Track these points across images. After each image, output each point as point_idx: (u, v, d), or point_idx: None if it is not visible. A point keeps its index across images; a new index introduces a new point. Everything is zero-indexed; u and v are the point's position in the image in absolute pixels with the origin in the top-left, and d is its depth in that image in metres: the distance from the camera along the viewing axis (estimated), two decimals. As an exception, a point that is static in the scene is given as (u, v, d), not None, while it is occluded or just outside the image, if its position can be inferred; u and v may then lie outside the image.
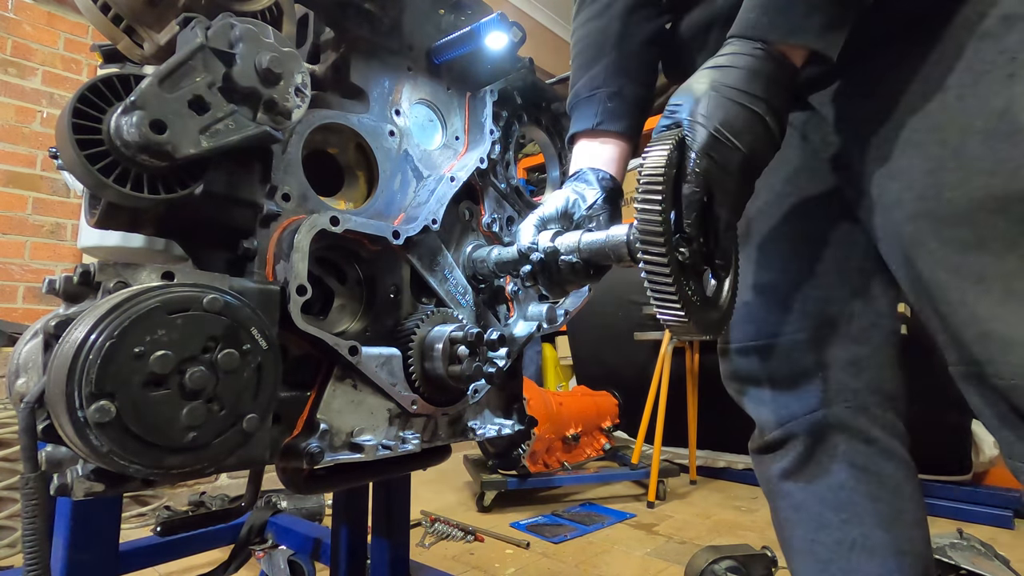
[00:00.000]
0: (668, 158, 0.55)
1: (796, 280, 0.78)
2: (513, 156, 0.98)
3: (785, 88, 0.59)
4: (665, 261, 0.54)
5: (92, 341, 0.44)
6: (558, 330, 1.49)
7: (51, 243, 2.38)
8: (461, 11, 0.90)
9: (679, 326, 0.57)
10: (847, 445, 0.74)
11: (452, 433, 0.81)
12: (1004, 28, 0.59)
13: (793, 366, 0.77)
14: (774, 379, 0.79)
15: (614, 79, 0.82)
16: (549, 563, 1.80)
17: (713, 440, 2.90)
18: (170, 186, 0.57)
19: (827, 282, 0.77)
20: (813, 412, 0.76)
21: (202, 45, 0.55)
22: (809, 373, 0.76)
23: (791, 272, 0.79)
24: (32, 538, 0.50)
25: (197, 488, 2.17)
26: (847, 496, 0.74)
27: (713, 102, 0.56)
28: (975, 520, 2.23)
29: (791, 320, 0.77)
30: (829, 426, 0.75)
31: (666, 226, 0.55)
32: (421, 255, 0.80)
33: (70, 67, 2.47)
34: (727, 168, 0.56)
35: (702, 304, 0.60)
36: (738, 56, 0.58)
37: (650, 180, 0.55)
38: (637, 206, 0.55)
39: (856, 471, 0.74)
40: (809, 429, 0.76)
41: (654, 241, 0.54)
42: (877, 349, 0.76)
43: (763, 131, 0.57)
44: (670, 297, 0.55)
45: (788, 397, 0.78)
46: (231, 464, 0.53)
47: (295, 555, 1.43)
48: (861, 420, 0.74)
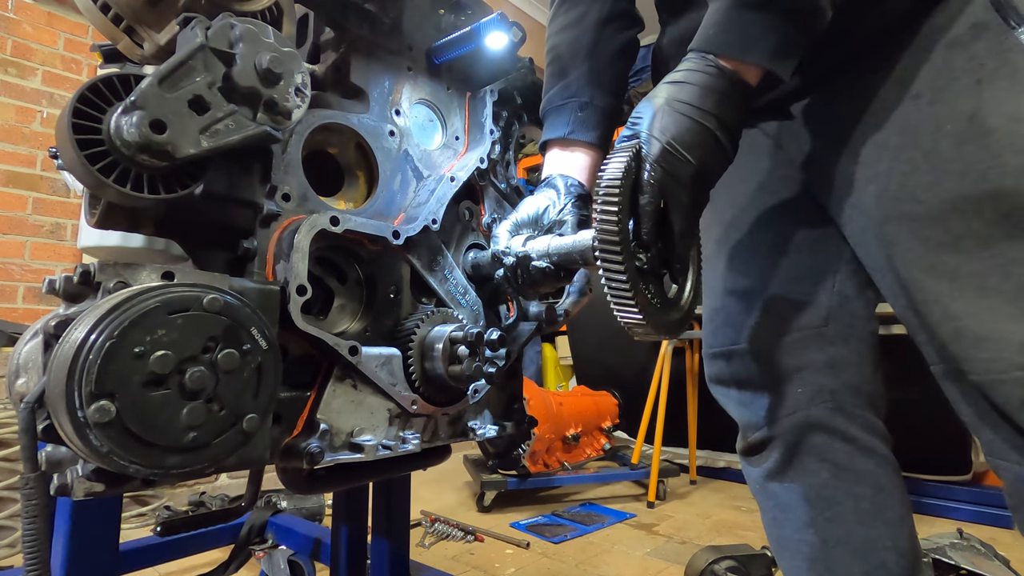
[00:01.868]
0: (625, 169, 0.58)
1: (772, 285, 0.80)
2: (513, 156, 0.98)
3: (737, 104, 0.60)
4: (622, 267, 0.57)
5: (92, 341, 0.44)
6: (558, 330, 1.49)
7: (51, 243, 2.38)
8: (461, 11, 0.90)
9: (636, 328, 0.60)
10: (827, 445, 0.76)
11: (452, 433, 0.81)
12: (972, 36, 0.62)
13: (771, 369, 0.79)
14: (753, 382, 0.81)
15: (585, 89, 0.84)
16: (549, 563, 1.80)
17: (713, 440, 2.90)
18: (170, 186, 0.57)
19: (802, 286, 0.79)
20: (793, 414, 0.77)
21: (202, 45, 0.55)
22: (787, 376, 0.78)
23: (767, 277, 0.81)
24: (32, 538, 0.50)
25: (197, 488, 2.17)
26: (830, 495, 0.75)
27: (667, 117, 0.59)
28: (975, 520, 2.23)
29: (768, 324, 0.79)
30: (809, 427, 0.77)
31: (623, 234, 0.57)
32: (421, 255, 0.80)
33: (70, 67, 2.47)
34: (679, 180, 0.59)
35: (662, 306, 0.63)
36: (693, 72, 0.60)
37: (608, 189, 0.58)
38: (596, 215, 0.58)
39: (838, 470, 0.75)
40: (789, 430, 0.78)
41: (611, 248, 0.57)
42: (853, 350, 0.77)
43: (714, 145, 0.59)
44: (627, 301, 0.58)
45: (767, 400, 0.79)
46: (231, 464, 0.53)
47: (295, 555, 1.43)
48: (840, 420, 0.76)
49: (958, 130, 0.61)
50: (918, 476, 2.44)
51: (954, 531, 1.75)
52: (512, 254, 0.76)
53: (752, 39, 0.59)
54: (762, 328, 0.80)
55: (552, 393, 2.67)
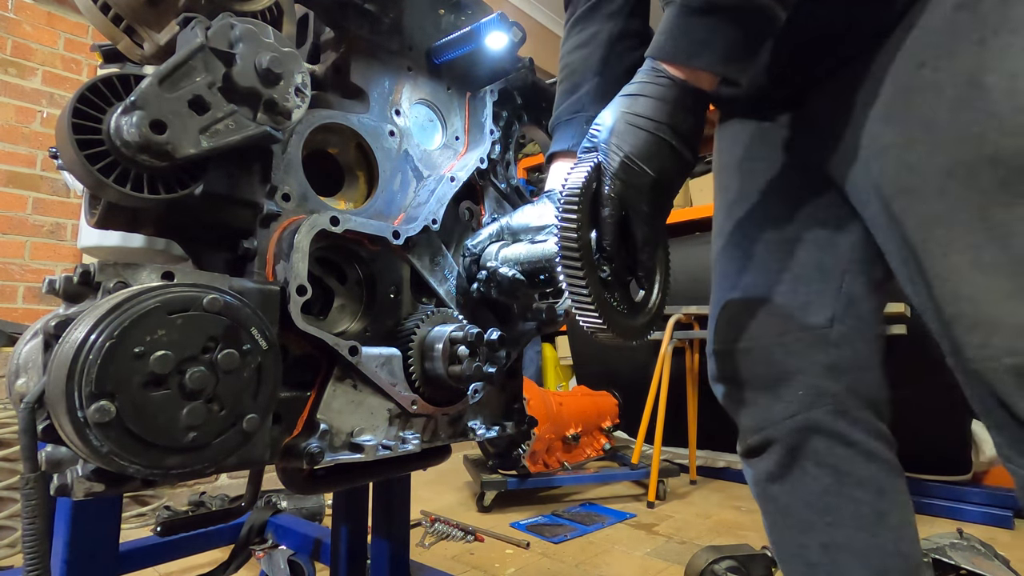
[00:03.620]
0: (586, 180, 0.60)
1: (778, 283, 0.78)
2: (513, 156, 0.98)
3: (691, 110, 0.60)
4: (582, 275, 0.59)
5: (92, 341, 0.44)
6: (558, 330, 1.49)
7: (51, 243, 2.38)
8: (461, 11, 0.90)
9: (599, 333, 0.61)
10: (828, 449, 0.74)
11: (452, 433, 0.81)
12: None
13: (771, 369, 0.77)
14: (753, 382, 0.79)
15: (593, 105, 0.85)
16: (549, 563, 1.80)
17: (713, 440, 2.90)
18: (170, 186, 0.57)
19: (808, 286, 0.77)
20: (793, 416, 0.75)
21: (202, 45, 0.55)
22: (788, 377, 0.76)
23: (773, 275, 0.79)
24: (32, 538, 0.50)
25: (197, 488, 2.17)
26: (831, 500, 0.74)
27: (623, 130, 0.60)
28: (975, 520, 2.23)
29: (770, 323, 0.78)
30: (809, 430, 0.75)
31: (583, 242, 0.59)
32: (421, 255, 0.80)
33: (70, 67, 2.48)
34: (639, 191, 0.60)
35: (629, 311, 0.65)
36: (645, 84, 0.61)
37: (568, 199, 0.59)
38: (556, 226, 0.60)
39: (838, 474, 0.74)
40: (789, 433, 0.76)
41: (571, 257, 0.59)
42: (858, 353, 0.75)
43: (669, 155, 0.59)
44: (589, 307, 0.59)
45: (767, 401, 0.78)
46: (231, 464, 0.53)
47: (295, 555, 1.43)
48: (841, 423, 0.74)
49: (957, 94, 0.57)
50: (918, 476, 2.44)
51: (954, 531, 1.75)
52: (485, 267, 0.78)
53: (698, 45, 0.59)
54: (764, 327, 0.78)
55: (552, 393, 2.67)
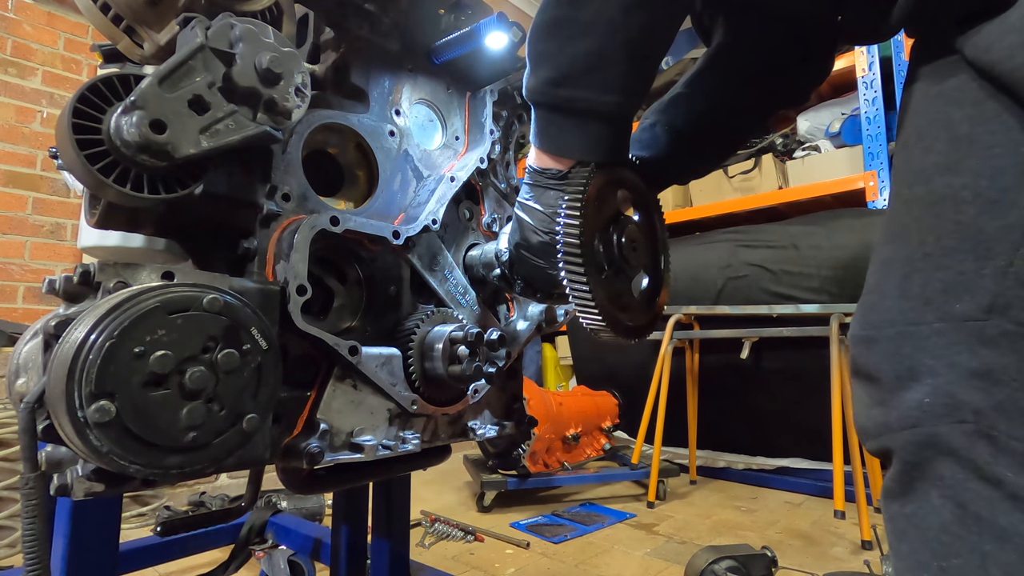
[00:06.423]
0: (586, 183, 0.63)
1: (926, 254, 0.59)
2: (513, 156, 0.98)
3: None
4: (583, 276, 0.62)
5: (92, 341, 0.44)
6: (558, 330, 1.49)
7: (51, 243, 2.38)
8: (461, 11, 0.90)
9: (601, 332, 0.65)
10: (956, 479, 0.55)
11: (452, 433, 0.81)
12: None
13: (897, 365, 0.59)
14: (873, 377, 0.62)
15: None
16: (549, 563, 1.80)
17: (713, 440, 2.89)
18: (170, 186, 0.57)
19: (963, 260, 0.57)
20: (913, 428, 0.57)
21: (202, 45, 0.55)
22: (915, 377, 0.57)
23: (924, 242, 0.60)
24: (32, 538, 0.50)
25: (197, 488, 2.17)
26: (950, 542, 0.55)
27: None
28: (975, 520, 2.22)
29: (905, 307, 0.60)
30: (932, 448, 0.56)
31: (583, 243, 0.62)
32: (421, 255, 0.80)
33: (70, 67, 2.48)
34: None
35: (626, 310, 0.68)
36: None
37: (569, 204, 0.63)
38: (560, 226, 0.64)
39: (965, 515, 0.54)
40: (906, 447, 0.58)
41: (572, 256, 0.62)
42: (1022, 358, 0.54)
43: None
44: (590, 307, 0.63)
45: (885, 402, 0.60)
46: (231, 464, 0.53)
47: (295, 555, 1.43)
48: (981, 449, 0.53)
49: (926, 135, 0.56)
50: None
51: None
52: (497, 257, 0.79)
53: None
54: (897, 312, 0.60)
55: (552, 393, 2.67)
